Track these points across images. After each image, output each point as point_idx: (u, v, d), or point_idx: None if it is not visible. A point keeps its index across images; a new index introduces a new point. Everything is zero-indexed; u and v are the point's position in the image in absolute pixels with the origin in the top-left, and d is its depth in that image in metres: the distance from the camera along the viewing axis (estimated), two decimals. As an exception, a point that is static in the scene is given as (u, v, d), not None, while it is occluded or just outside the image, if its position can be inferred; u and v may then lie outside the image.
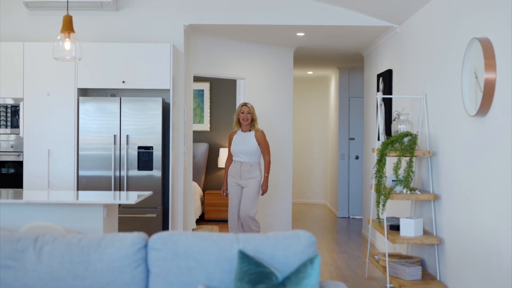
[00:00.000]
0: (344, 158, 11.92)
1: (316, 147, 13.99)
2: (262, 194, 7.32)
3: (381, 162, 5.85)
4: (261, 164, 7.35)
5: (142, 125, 6.83)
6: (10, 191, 6.00)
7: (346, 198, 11.85)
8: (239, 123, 7.26)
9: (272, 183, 8.99)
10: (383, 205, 5.83)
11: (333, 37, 8.33)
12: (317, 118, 13.98)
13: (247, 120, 7.19)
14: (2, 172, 6.97)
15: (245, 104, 7.24)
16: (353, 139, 11.90)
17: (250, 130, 7.23)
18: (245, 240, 3.06)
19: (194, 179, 10.22)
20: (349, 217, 11.77)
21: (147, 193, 5.60)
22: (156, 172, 6.82)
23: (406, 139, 5.80)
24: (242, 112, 7.20)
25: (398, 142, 5.79)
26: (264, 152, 7.23)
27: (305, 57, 10.19)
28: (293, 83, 9.54)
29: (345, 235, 9.83)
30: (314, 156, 13.99)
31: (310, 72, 12.88)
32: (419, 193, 5.75)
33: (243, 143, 7.17)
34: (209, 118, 11.24)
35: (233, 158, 7.27)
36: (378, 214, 5.97)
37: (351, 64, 11.33)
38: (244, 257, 2.95)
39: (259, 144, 7.18)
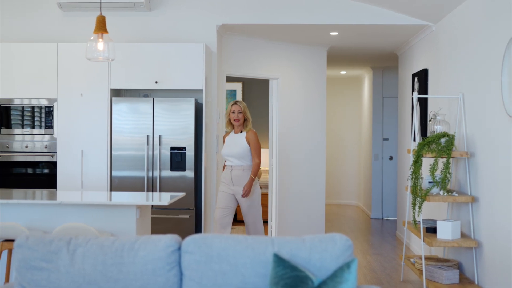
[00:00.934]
0: (377, 158, 11.79)
1: (349, 148, 13.87)
2: (242, 196, 6.39)
3: (417, 163, 5.75)
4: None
5: (174, 126, 6.81)
6: (44, 191, 6.03)
7: (379, 199, 11.72)
8: (231, 123, 6.61)
9: (305, 184, 8.92)
10: (419, 207, 5.72)
11: (367, 36, 8.22)
12: (350, 118, 13.86)
13: (239, 120, 6.51)
14: (37, 172, 7.02)
15: (235, 103, 6.56)
16: (387, 139, 11.77)
17: (241, 131, 6.57)
18: (280, 243, 3.00)
19: (227, 180, 10.18)
20: (383, 218, 11.64)
21: (180, 194, 5.57)
22: (189, 173, 6.79)
23: (443, 140, 5.68)
24: (233, 112, 6.52)
25: (435, 143, 5.68)
26: (254, 153, 6.46)
27: (338, 57, 10.09)
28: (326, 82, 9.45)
29: (379, 237, 9.71)
30: (347, 157, 13.88)
31: (343, 72, 12.77)
32: (456, 195, 5.63)
33: (233, 145, 6.51)
34: (241, 119, 11.18)
35: (225, 163, 6.66)
36: (414, 216, 5.86)
37: (385, 64, 11.20)
38: (279, 260, 2.89)
39: (249, 145, 6.48)
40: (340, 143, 13.86)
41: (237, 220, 10.50)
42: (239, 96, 11.20)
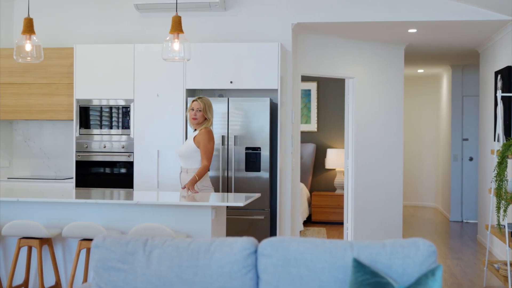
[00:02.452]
0: (457, 159, 11.44)
1: (427, 148, 13.55)
2: (184, 188, 5.59)
3: (501, 164, 5.51)
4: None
5: (249, 126, 6.76)
6: (121, 191, 6.10)
7: (459, 201, 11.37)
8: None
9: (382, 185, 8.72)
10: (504, 211, 5.48)
11: (446, 33, 7.97)
12: (427, 117, 13.54)
13: (196, 119, 5.70)
14: (114, 172, 7.11)
15: (196, 99, 5.74)
16: (466, 139, 11.41)
17: (196, 130, 5.78)
18: (360, 247, 2.89)
19: (301, 180, 10.09)
20: (462, 221, 11.29)
21: (255, 195, 5.51)
22: (264, 173, 6.74)
23: (529, 140, 5.42)
24: (192, 109, 5.74)
25: (521, 144, 5.42)
26: (202, 155, 5.61)
27: (416, 55, 9.84)
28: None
29: (458, 240, 9.40)
30: (425, 157, 13.55)
31: (420, 70, 12.47)
32: (544, 198, 5.36)
33: (183, 144, 5.93)
34: (316, 119, 11.08)
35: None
36: (498, 220, 5.61)
37: (465, 61, 10.86)
38: (359, 266, 2.78)
39: (198, 146, 5.67)
40: (418, 143, 13.55)
41: (312, 221, 10.39)
42: (313, 96, 11.08)
